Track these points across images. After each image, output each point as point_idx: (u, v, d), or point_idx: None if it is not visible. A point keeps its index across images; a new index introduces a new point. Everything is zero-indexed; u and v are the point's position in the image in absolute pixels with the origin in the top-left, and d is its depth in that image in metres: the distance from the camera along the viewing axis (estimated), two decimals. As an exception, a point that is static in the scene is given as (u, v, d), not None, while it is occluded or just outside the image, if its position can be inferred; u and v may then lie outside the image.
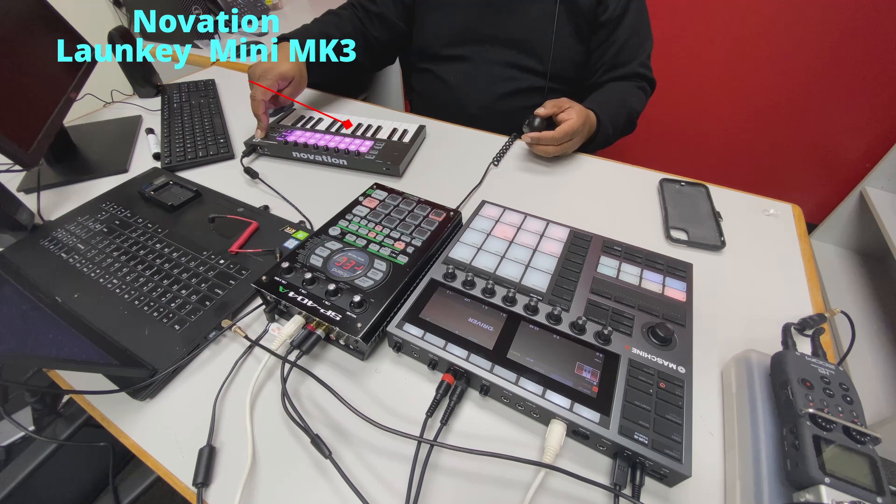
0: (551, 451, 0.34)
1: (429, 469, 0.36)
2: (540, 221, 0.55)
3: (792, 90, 1.35)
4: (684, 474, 0.32)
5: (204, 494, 0.35)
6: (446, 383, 0.39)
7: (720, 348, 0.44)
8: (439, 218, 0.55)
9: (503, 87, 0.85)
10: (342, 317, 0.42)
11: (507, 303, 0.44)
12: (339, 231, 0.52)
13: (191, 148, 0.76)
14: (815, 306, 0.48)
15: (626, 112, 0.78)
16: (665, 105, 1.50)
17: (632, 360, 0.39)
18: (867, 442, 0.30)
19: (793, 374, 0.34)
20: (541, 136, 0.66)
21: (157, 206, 0.64)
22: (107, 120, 0.89)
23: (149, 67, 0.97)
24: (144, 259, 0.55)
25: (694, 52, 1.41)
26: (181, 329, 0.46)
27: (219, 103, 0.91)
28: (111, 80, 1.05)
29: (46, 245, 0.58)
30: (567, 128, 0.65)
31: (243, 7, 1.46)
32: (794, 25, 1.25)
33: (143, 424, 0.40)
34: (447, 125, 0.84)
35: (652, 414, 0.35)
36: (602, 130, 0.72)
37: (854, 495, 0.28)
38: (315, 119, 0.81)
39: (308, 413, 0.40)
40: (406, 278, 0.46)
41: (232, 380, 0.43)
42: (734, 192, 0.65)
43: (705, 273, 0.52)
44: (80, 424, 0.59)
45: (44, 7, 0.74)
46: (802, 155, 1.46)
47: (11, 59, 0.64)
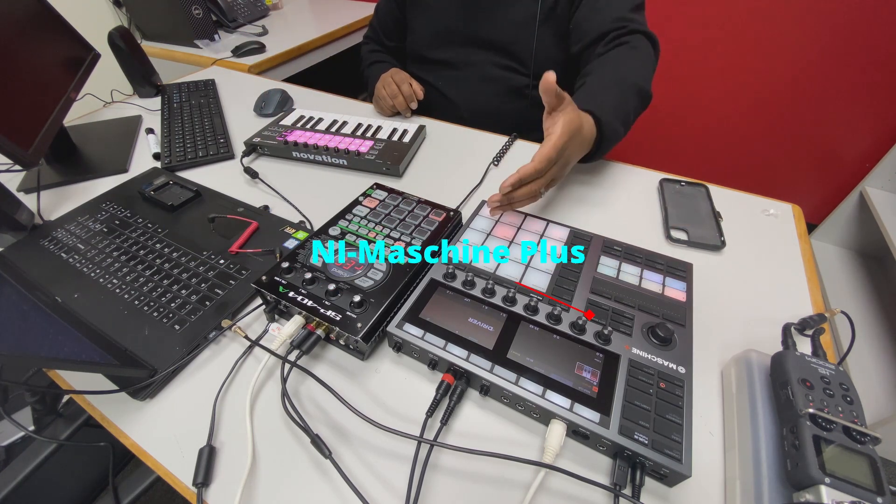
0: (551, 451, 0.34)
1: (429, 469, 0.36)
2: (540, 221, 0.55)
3: (792, 90, 1.35)
4: (684, 474, 0.32)
5: (204, 494, 0.35)
6: (446, 383, 0.39)
7: (720, 348, 0.44)
8: (439, 218, 0.55)
9: (492, 89, 0.85)
10: (342, 317, 0.42)
11: (507, 303, 0.44)
12: (339, 231, 0.52)
13: (191, 148, 0.76)
14: (815, 306, 0.48)
15: (634, 89, 0.62)
16: (665, 105, 1.50)
17: (632, 360, 0.39)
18: (867, 442, 0.30)
19: (793, 374, 0.34)
20: (511, 183, 0.48)
21: (157, 206, 0.64)
22: (107, 120, 0.89)
23: (149, 67, 0.97)
24: (144, 259, 0.55)
25: (694, 51, 1.41)
26: (181, 329, 0.46)
27: (219, 103, 0.91)
28: (111, 79, 1.05)
29: (46, 245, 0.58)
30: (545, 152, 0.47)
31: (243, 7, 1.46)
32: (794, 25, 1.25)
33: (143, 424, 0.40)
34: (447, 125, 0.84)
35: (652, 414, 0.35)
36: (607, 133, 0.57)
37: (854, 495, 0.28)
38: (315, 119, 0.81)
39: (308, 413, 0.40)
40: (406, 278, 0.46)
41: (232, 380, 0.43)
42: (734, 192, 0.65)
43: (705, 273, 0.52)
44: (80, 424, 0.59)
45: (44, 7, 0.74)
46: (802, 155, 1.46)
47: (11, 59, 0.64)
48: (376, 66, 0.94)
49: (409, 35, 0.92)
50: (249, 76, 1.10)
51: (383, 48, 1.00)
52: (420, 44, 0.90)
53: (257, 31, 1.39)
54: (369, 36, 1.02)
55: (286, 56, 1.27)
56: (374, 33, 1.00)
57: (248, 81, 1.05)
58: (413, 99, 0.82)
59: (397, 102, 0.82)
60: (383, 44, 0.99)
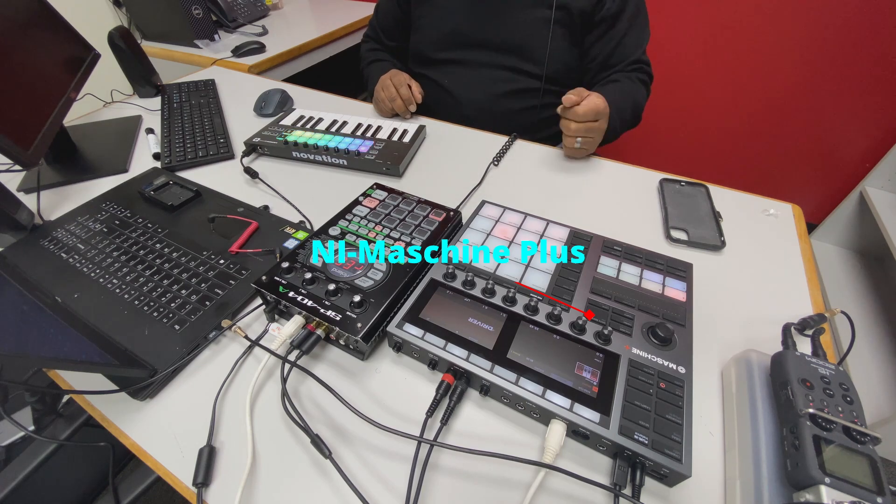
0: (551, 451, 0.34)
1: (429, 469, 0.36)
2: (540, 221, 0.55)
3: (792, 90, 1.35)
4: (684, 474, 0.32)
5: (204, 494, 0.35)
6: (446, 383, 0.39)
7: (720, 348, 0.44)
8: (439, 218, 0.55)
9: (499, 88, 0.85)
10: (342, 317, 0.42)
11: (507, 303, 0.44)
12: (339, 231, 0.52)
13: (191, 148, 0.76)
14: (815, 306, 0.48)
15: (632, 105, 0.77)
16: (665, 105, 1.50)
17: (632, 360, 0.39)
18: (867, 442, 0.30)
19: (793, 374, 0.34)
20: (569, 102, 0.63)
21: (157, 206, 0.64)
22: (107, 120, 0.89)
23: (149, 67, 0.97)
24: (144, 259, 0.55)
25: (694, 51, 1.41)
26: (181, 329, 0.46)
27: (219, 103, 0.91)
28: (111, 79, 1.05)
29: (46, 245, 0.58)
30: (591, 104, 0.63)
31: (243, 7, 1.46)
32: (794, 25, 1.25)
33: (143, 424, 0.40)
34: (447, 125, 0.84)
35: (652, 414, 0.35)
36: (610, 124, 0.70)
37: (854, 495, 0.28)
38: (315, 119, 0.81)
39: (308, 413, 0.40)
40: (406, 278, 0.46)
41: (232, 380, 0.43)
42: (734, 192, 0.65)
43: (705, 273, 0.52)
44: (80, 424, 0.59)
45: (44, 7, 0.74)
46: (802, 155, 1.46)
47: (11, 59, 0.64)
48: (376, 66, 0.95)
49: (414, 34, 0.91)
50: (249, 76, 1.11)
51: (383, 47, 1.00)
52: (426, 44, 0.89)
53: (257, 31, 1.39)
54: (369, 35, 1.03)
55: (286, 56, 1.27)
56: (374, 32, 1.01)
57: (248, 81, 1.05)
58: (412, 102, 0.82)
59: (396, 105, 0.82)
60: (383, 43, 1.00)
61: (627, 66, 0.80)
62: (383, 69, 0.88)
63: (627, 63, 0.80)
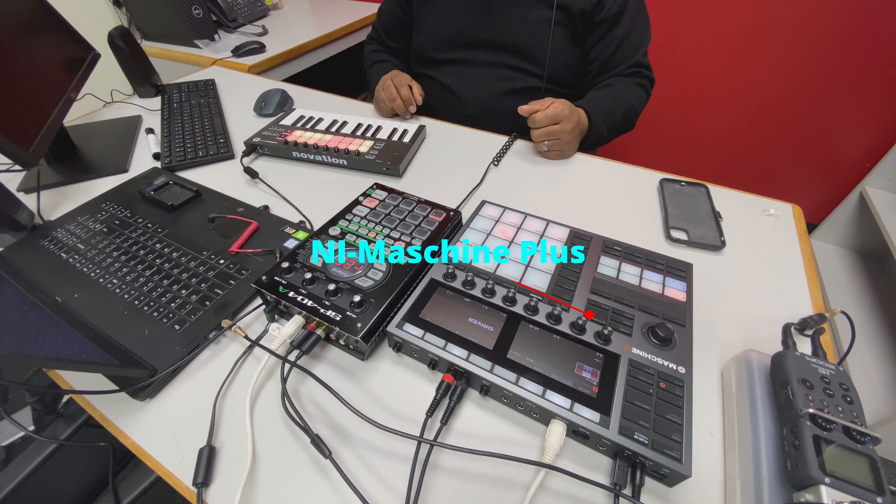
0: (551, 451, 0.34)
1: (429, 469, 0.36)
2: (540, 221, 0.55)
3: (792, 90, 1.35)
4: (684, 474, 0.32)
5: (204, 494, 0.35)
6: (446, 383, 0.39)
7: (720, 348, 0.44)
8: (439, 218, 0.54)
9: (501, 87, 0.85)
10: (342, 317, 0.42)
11: (507, 303, 0.44)
12: (339, 231, 0.52)
13: (191, 148, 0.76)
14: (815, 306, 0.48)
15: (623, 110, 0.78)
16: (665, 105, 1.50)
17: (632, 360, 0.39)
18: (867, 442, 0.30)
19: (793, 374, 0.34)
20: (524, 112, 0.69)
21: (157, 206, 0.64)
22: (107, 120, 0.89)
23: (149, 67, 0.97)
24: (144, 259, 0.55)
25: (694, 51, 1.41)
26: (181, 329, 0.46)
27: (219, 103, 0.91)
28: (111, 79, 1.05)
29: (46, 245, 0.58)
30: (551, 110, 0.67)
31: (243, 7, 1.46)
32: (793, 25, 1.25)
33: (143, 424, 0.40)
34: (447, 125, 0.84)
35: (652, 414, 0.35)
36: (594, 129, 0.73)
37: (854, 495, 0.28)
38: (315, 119, 0.81)
39: (308, 413, 0.40)
40: (406, 278, 0.46)
41: (232, 380, 0.43)
42: (734, 192, 0.65)
43: (705, 273, 0.52)
44: (80, 424, 0.59)
45: (44, 7, 0.74)
46: (802, 155, 1.46)
47: (11, 59, 0.64)
48: (378, 66, 0.95)
49: (416, 35, 0.92)
50: (249, 76, 1.11)
51: (386, 49, 1.01)
52: (427, 44, 0.90)
53: (257, 31, 1.38)
54: (372, 37, 1.04)
55: (286, 56, 1.27)
56: (377, 34, 1.01)
57: (248, 81, 1.05)
58: (412, 103, 0.82)
59: (396, 106, 0.82)
60: (385, 44, 1.00)
61: (626, 70, 0.81)
62: (385, 70, 0.88)
63: (627, 66, 0.80)
